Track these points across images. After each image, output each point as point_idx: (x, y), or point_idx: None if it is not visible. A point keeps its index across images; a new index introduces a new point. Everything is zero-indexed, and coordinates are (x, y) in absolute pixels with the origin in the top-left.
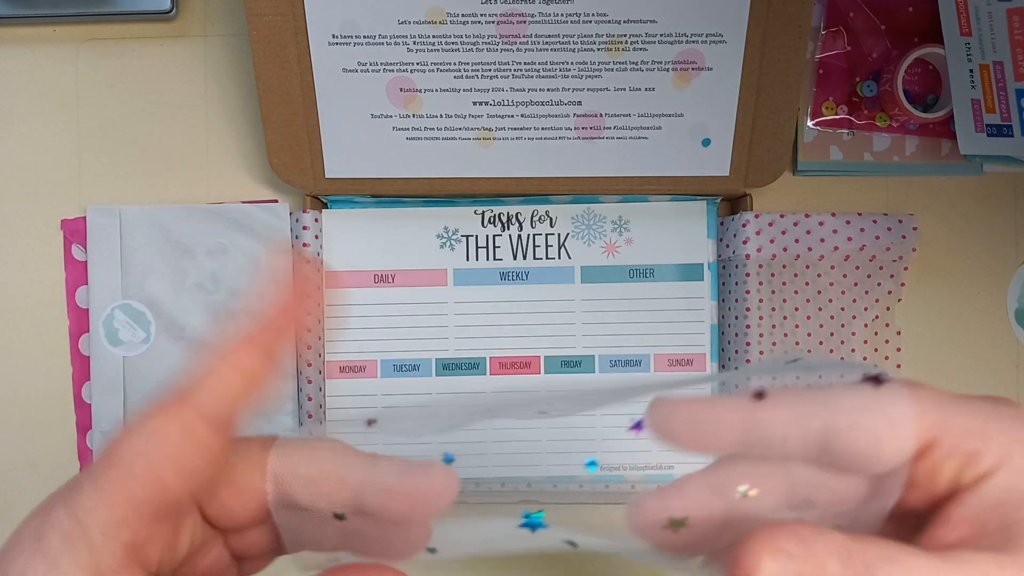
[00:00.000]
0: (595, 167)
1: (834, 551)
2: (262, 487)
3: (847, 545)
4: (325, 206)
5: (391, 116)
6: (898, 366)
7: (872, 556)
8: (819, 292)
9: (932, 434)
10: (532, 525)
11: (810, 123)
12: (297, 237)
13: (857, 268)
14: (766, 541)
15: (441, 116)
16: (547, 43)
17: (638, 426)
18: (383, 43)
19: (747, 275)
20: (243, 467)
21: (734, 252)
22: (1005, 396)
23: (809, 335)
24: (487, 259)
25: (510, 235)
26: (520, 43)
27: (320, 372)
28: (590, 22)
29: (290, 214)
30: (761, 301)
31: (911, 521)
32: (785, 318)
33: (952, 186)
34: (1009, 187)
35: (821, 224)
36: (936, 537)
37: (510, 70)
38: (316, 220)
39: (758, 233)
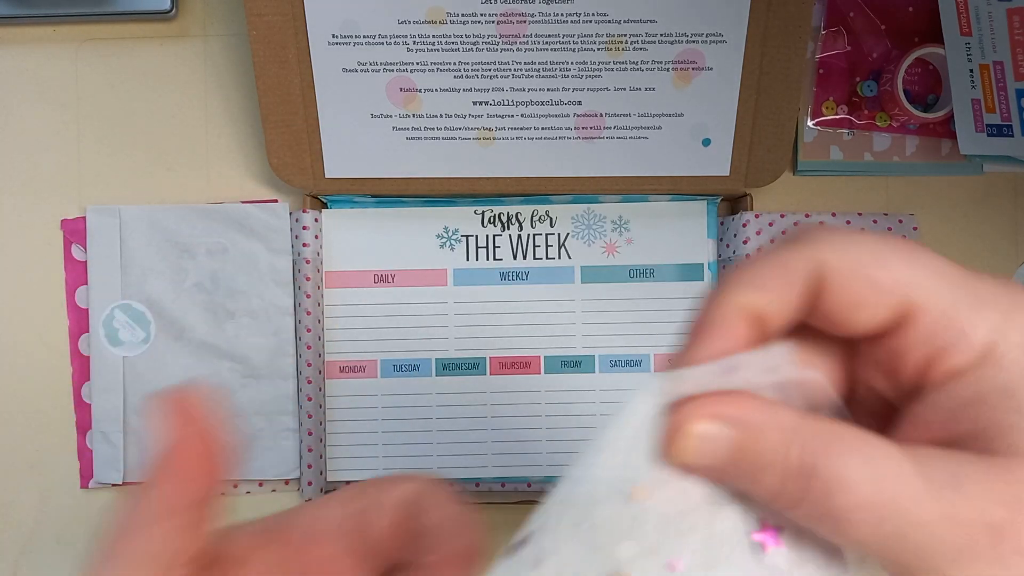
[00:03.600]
0: (595, 167)
1: (778, 425)
2: None
3: (796, 422)
4: (325, 206)
5: (391, 116)
6: None
7: (824, 438)
8: None
9: (906, 310)
10: None
11: (810, 123)
12: (297, 237)
13: None
14: (702, 407)
15: (441, 116)
16: (547, 43)
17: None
18: (383, 43)
19: None
20: None
21: (734, 252)
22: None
23: None
24: (487, 259)
25: (510, 235)
26: (520, 43)
27: (320, 372)
28: (590, 22)
29: (290, 214)
30: None
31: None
32: None
33: (952, 186)
34: (1009, 187)
35: (821, 224)
36: (902, 434)
37: (510, 70)
38: (316, 220)
39: (758, 233)
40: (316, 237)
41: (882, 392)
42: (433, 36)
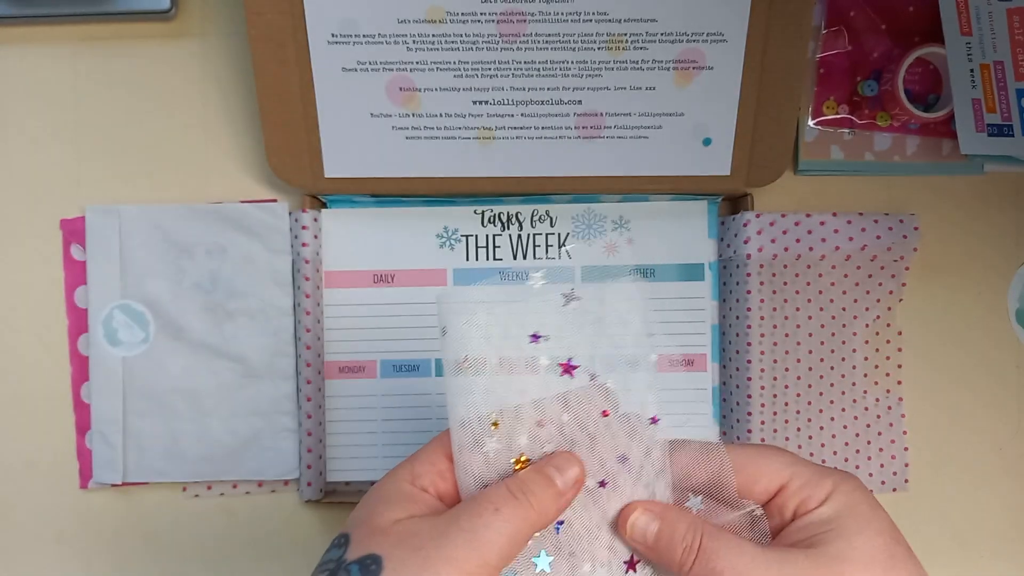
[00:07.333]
0: (595, 166)
1: (685, 521)
2: None
3: (697, 522)
4: (324, 206)
5: (390, 115)
6: (899, 366)
7: (710, 532)
8: (820, 292)
9: (784, 481)
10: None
11: (811, 122)
12: (296, 237)
13: (858, 268)
14: (641, 505)
15: (441, 115)
16: (547, 42)
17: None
18: (383, 42)
19: (748, 275)
20: None
21: (735, 252)
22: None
23: (810, 335)
24: (487, 259)
25: (510, 235)
26: (520, 42)
27: (319, 372)
28: (590, 21)
29: (289, 214)
30: (762, 301)
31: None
32: (786, 318)
33: (953, 186)
34: (1010, 187)
35: (822, 224)
36: (777, 543)
37: (510, 69)
38: (315, 220)
39: (759, 233)
40: (315, 237)
41: (775, 525)
42: (433, 35)
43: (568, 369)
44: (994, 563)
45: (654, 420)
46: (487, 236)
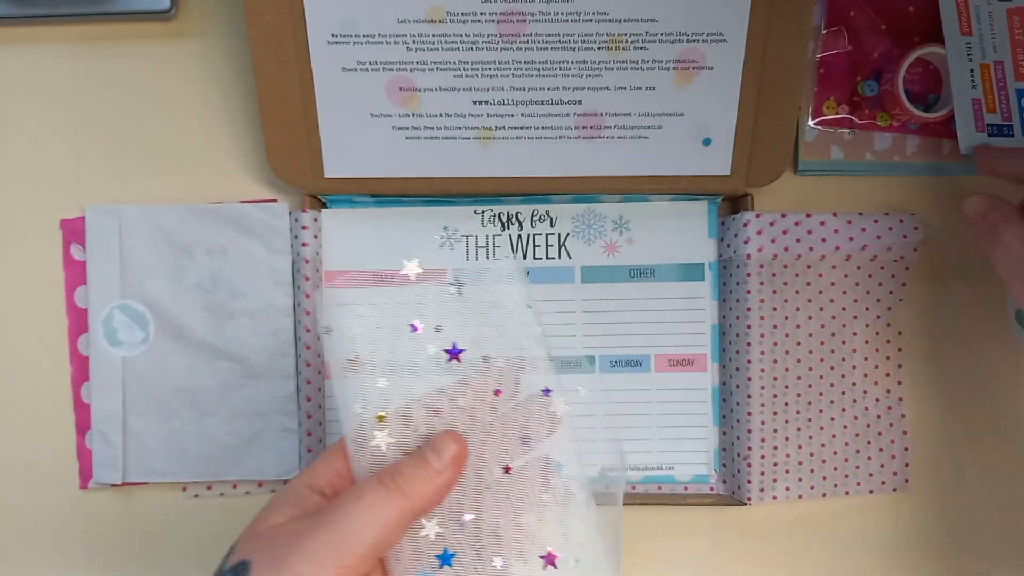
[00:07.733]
0: (595, 166)
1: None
2: None
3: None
4: (324, 206)
5: (390, 115)
6: (899, 366)
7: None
8: (820, 292)
9: None
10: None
11: (811, 123)
12: (296, 237)
13: (858, 268)
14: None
15: (441, 115)
16: (547, 42)
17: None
18: (383, 42)
19: (748, 275)
20: None
21: (735, 252)
22: None
23: (810, 335)
24: (487, 259)
25: (510, 235)
26: (520, 42)
27: (319, 372)
28: (590, 21)
29: (289, 214)
30: (762, 301)
31: None
32: (786, 318)
33: (953, 186)
34: (1010, 187)
35: (822, 224)
36: None
37: (510, 69)
38: (315, 220)
39: (759, 233)
40: (315, 237)
41: None
42: (433, 35)
43: (454, 355)
44: (994, 563)
45: (546, 392)
46: (487, 236)
